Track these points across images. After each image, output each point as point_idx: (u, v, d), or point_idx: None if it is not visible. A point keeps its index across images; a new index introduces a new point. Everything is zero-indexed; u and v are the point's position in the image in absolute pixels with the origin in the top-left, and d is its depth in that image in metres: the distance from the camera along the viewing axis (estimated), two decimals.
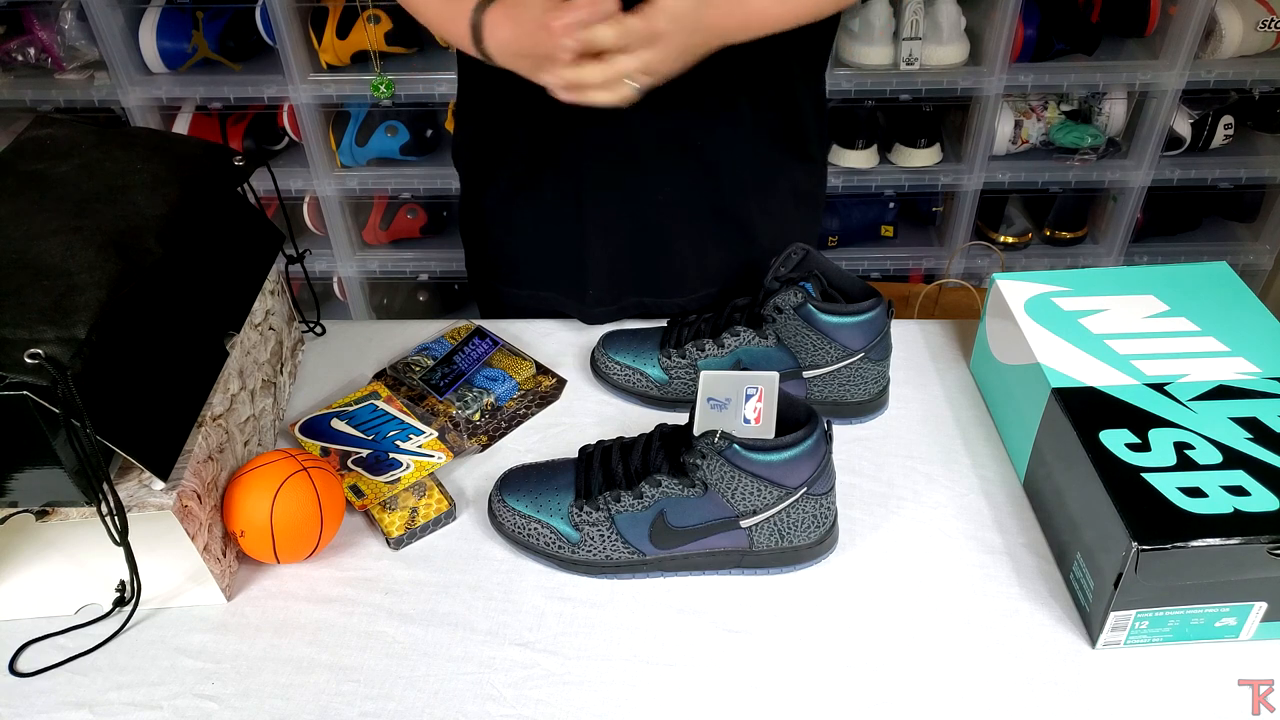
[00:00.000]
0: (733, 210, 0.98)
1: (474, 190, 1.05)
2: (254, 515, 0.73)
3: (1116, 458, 0.70)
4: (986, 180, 1.93)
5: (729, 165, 0.95)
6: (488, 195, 1.03)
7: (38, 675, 0.70)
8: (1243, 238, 2.11)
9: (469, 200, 1.07)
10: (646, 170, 0.94)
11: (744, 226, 1.00)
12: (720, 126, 0.93)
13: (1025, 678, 0.69)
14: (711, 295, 1.03)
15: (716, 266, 1.02)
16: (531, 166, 0.97)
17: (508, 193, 1.01)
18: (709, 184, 0.96)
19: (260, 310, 0.87)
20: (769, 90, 0.93)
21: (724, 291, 1.03)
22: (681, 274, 1.02)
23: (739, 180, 0.97)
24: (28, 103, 1.82)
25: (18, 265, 0.65)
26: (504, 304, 1.10)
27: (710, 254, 1.01)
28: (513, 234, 1.04)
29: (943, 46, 1.78)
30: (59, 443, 0.63)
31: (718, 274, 1.03)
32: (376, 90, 1.77)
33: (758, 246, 1.01)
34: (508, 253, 1.06)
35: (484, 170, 1.02)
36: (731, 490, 0.71)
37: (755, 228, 1.00)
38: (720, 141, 0.94)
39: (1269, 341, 0.80)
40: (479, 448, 0.88)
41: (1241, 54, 1.80)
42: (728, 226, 0.99)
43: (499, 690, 0.68)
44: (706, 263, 1.02)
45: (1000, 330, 0.88)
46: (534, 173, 0.97)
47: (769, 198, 1.00)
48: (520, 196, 1.00)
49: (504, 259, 1.07)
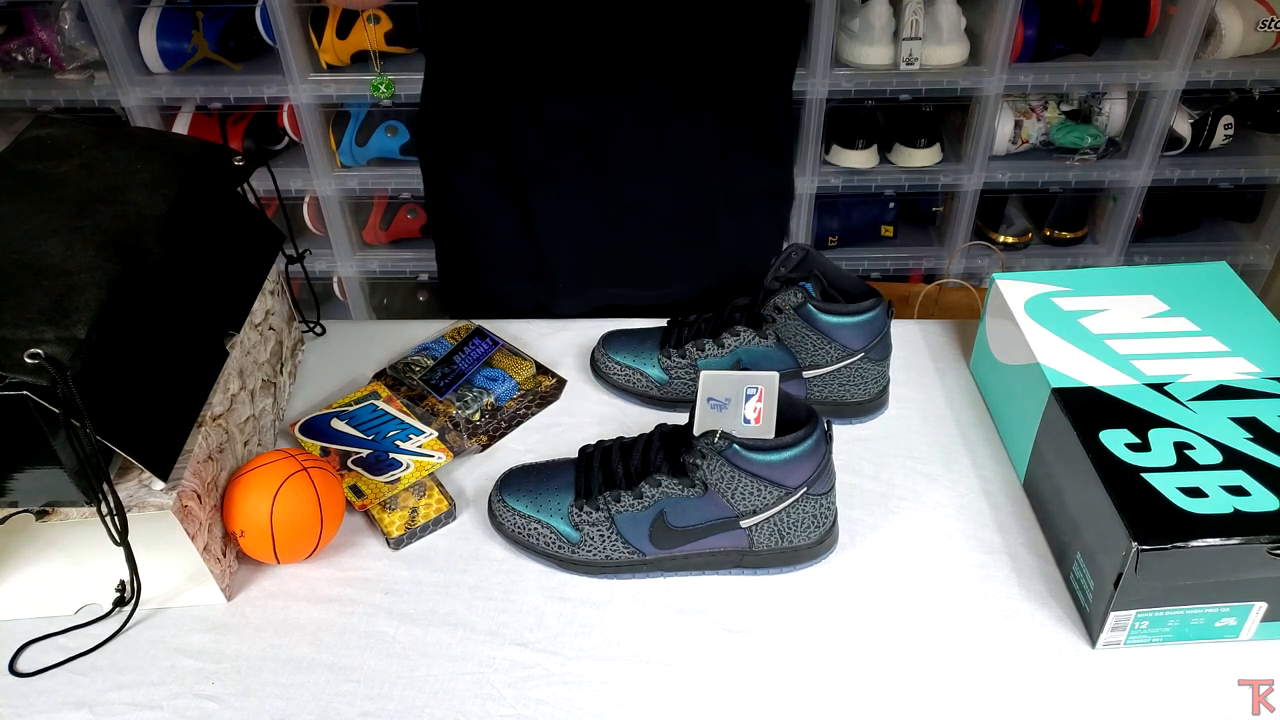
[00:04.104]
0: (697, 210, 0.99)
1: (439, 183, 1.05)
2: (254, 515, 0.73)
3: (1116, 458, 0.70)
4: (986, 180, 1.93)
5: (693, 166, 0.96)
6: (454, 188, 1.03)
7: (38, 675, 0.70)
8: (1243, 238, 2.11)
9: (434, 192, 1.07)
10: (609, 167, 0.95)
11: (709, 226, 1.01)
12: (685, 128, 0.93)
13: (1025, 678, 0.69)
14: (686, 292, 1.03)
15: (687, 264, 1.03)
16: (498, 160, 0.97)
17: (474, 185, 1.01)
18: (673, 183, 0.97)
19: (260, 310, 0.87)
20: (735, 93, 0.93)
21: (702, 292, 1.04)
22: (649, 270, 1.03)
23: (704, 181, 0.97)
24: (28, 103, 1.82)
25: (18, 265, 0.65)
26: (474, 298, 1.10)
27: (677, 252, 1.02)
28: (477, 225, 1.04)
29: (943, 46, 1.78)
30: (59, 443, 0.63)
31: (690, 271, 1.03)
32: (376, 90, 1.77)
33: (725, 246, 1.02)
34: (475, 245, 1.07)
35: (450, 163, 1.02)
36: (731, 490, 0.71)
37: (721, 228, 1.01)
38: (685, 142, 0.94)
39: (1269, 341, 0.80)
40: (479, 448, 0.88)
41: (1241, 54, 1.80)
42: (693, 226, 1.00)
43: (499, 690, 0.68)
44: (674, 260, 1.03)
45: (1000, 330, 0.88)
46: (500, 166, 0.97)
47: (735, 199, 1.00)
48: (486, 189, 1.00)
49: (471, 251, 1.08)
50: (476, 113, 0.95)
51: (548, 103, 0.91)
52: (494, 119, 0.94)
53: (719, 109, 0.93)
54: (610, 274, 1.03)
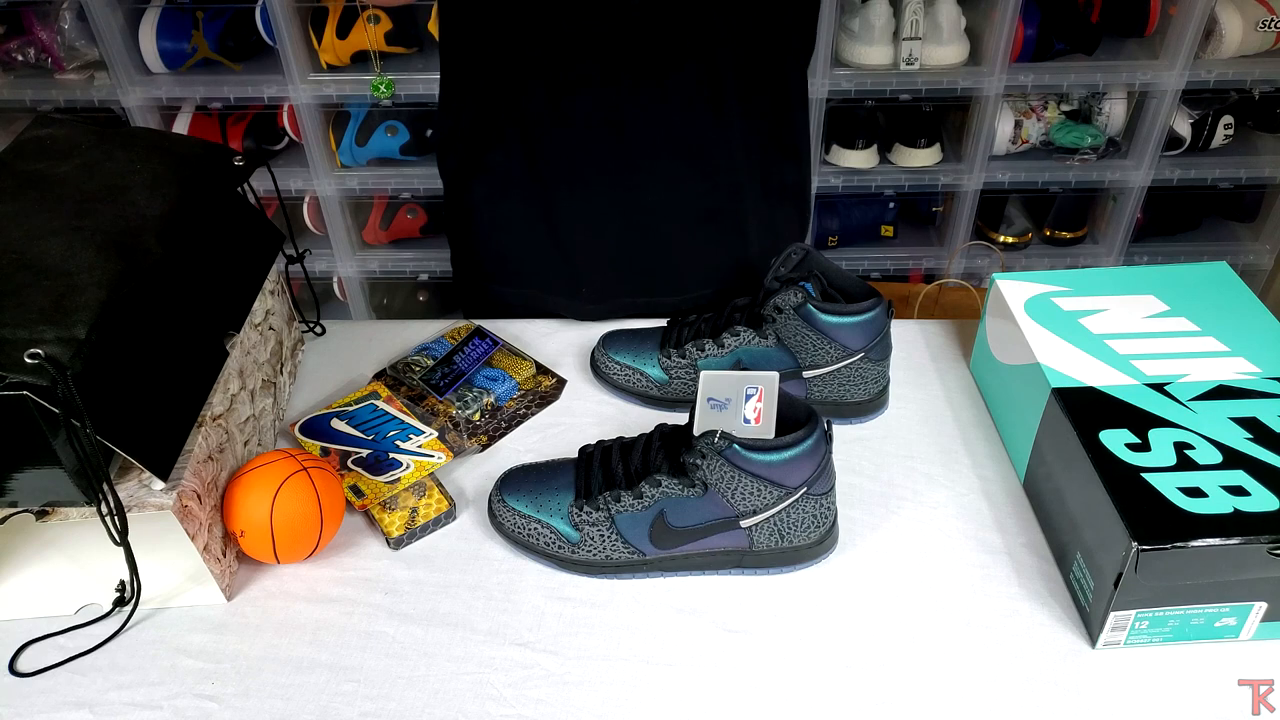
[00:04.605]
0: (724, 209, 0.98)
1: (460, 187, 1.04)
2: (254, 515, 0.73)
3: (1116, 458, 0.70)
4: (986, 180, 1.93)
5: (720, 164, 0.95)
6: (474, 192, 1.02)
7: (38, 675, 0.70)
8: (1243, 238, 2.11)
9: (455, 198, 1.06)
10: (637, 169, 0.94)
11: (736, 225, 1.00)
12: (711, 125, 0.92)
13: (1025, 678, 0.69)
14: (706, 296, 1.03)
15: (710, 266, 1.02)
16: (520, 162, 0.96)
17: (496, 189, 1.00)
18: (701, 183, 0.96)
19: (260, 310, 0.87)
20: (759, 87, 0.93)
21: (719, 292, 1.03)
22: (675, 273, 1.02)
23: (731, 179, 0.97)
24: (28, 103, 1.82)
25: (18, 265, 0.65)
26: (494, 303, 1.09)
27: (703, 253, 1.01)
28: (501, 231, 1.03)
29: (943, 46, 1.78)
30: (59, 443, 0.63)
31: (713, 273, 1.03)
32: (376, 90, 1.77)
33: (750, 245, 1.01)
34: (497, 251, 1.06)
35: (471, 166, 1.01)
36: (731, 490, 0.71)
37: (747, 226, 1.00)
38: (711, 140, 0.93)
39: (1269, 341, 0.80)
40: (479, 448, 0.88)
41: (1241, 54, 1.80)
42: (720, 225, 0.99)
43: (499, 690, 0.68)
44: (700, 262, 1.02)
45: (1000, 330, 0.88)
46: (523, 169, 0.96)
47: (760, 196, 1.00)
48: (509, 193, 0.99)
49: (492, 257, 1.07)
50: (496, 113, 0.94)
51: (567, 99, 0.89)
52: (514, 119, 0.93)
53: (744, 102, 0.91)
54: (636, 278, 1.02)
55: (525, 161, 0.96)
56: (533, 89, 0.81)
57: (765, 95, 0.94)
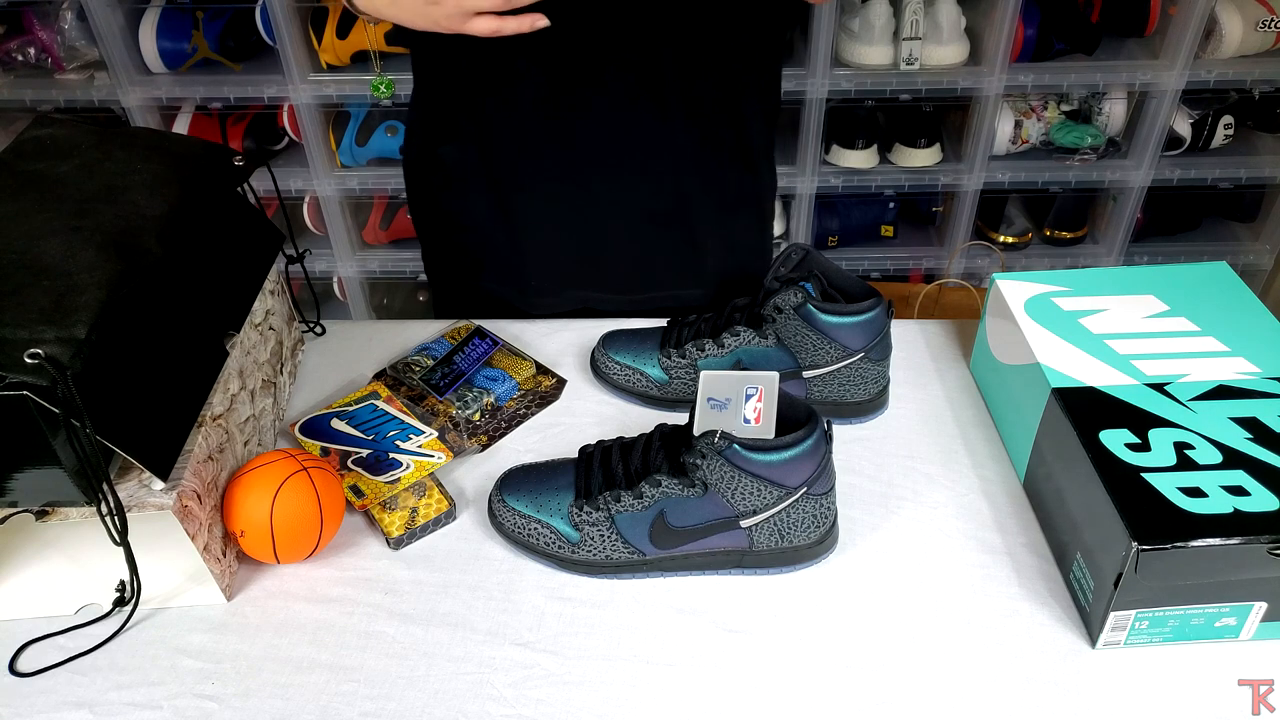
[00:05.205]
0: (670, 211, 0.98)
1: (418, 180, 1.05)
2: (254, 515, 0.73)
3: (1116, 458, 0.70)
4: (986, 180, 1.93)
5: (665, 166, 0.95)
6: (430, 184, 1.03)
7: (38, 675, 0.70)
8: (1243, 238, 2.11)
9: (414, 190, 1.07)
10: (582, 166, 0.94)
11: (685, 229, 1.00)
12: (653, 126, 0.92)
13: (1025, 678, 0.69)
14: (663, 299, 1.03)
15: (659, 268, 1.03)
16: (473, 156, 0.97)
17: (451, 182, 1.01)
18: (644, 184, 0.96)
19: (260, 310, 0.87)
20: (705, 91, 0.92)
21: (672, 295, 1.04)
22: (624, 273, 1.03)
23: (675, 182, 0.96)
24: (28, 103, 1.82)
25: (18, 265, 0.65)
26: (459, 296, 1.10)
27: (650, 254, 1.02)
28: (456, 224, 1.04)
29: (943, 46, 1.78)
30: (59, 443, 0.63)
31: (665, 276, 1.03)
32: (376, 90, 1.76)
33: (704, 250, 1.01)
34: (458, 243, 1.07)
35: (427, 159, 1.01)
36: (731, 490, 0.71)
37: (698, 231, 1.00)
38: (654, 142, 0.93)
39: (1269, 341, 0.80)
40: (479, 448, 0.88)
41: (1241, 54, 1.80)
42: (665, 228, 0.99)
43: (499, 690, 0.68)
44: (647, 263, 1.02)
45: (1000, 330, 0.88)
46: (475, 162, 0.97)
47: (713, 203, 1.00)
48: (463, 186, 1.00)
49: (452, 249, 1.08)
50: (450, 106, 0.95)
51: (509, 90, 0.89)
52: (467, 112, 0.94)
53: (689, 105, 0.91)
54: (585, 275, 1.03)
55: (478, 155, 0.96)
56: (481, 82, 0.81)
57: (713, 101, 0.93)
